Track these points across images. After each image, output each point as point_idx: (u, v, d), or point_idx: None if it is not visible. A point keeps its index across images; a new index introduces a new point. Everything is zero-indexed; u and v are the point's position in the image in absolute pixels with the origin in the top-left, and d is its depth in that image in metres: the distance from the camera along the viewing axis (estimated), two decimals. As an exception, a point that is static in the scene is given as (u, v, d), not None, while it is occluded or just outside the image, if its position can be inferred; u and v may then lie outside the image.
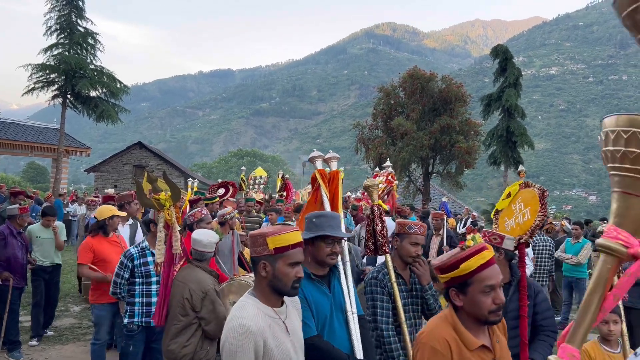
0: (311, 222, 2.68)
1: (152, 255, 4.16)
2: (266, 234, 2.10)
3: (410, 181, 26.14)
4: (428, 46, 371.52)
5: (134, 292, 4.21)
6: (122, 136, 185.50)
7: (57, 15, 18.29)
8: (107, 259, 5.11)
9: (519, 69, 22.25)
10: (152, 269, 4.17)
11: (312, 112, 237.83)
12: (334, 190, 3.39)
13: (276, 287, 2.10)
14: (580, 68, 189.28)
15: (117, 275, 4.20)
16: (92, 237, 5.28)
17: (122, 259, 4.20)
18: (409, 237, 3.26)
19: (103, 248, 5.20)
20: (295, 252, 2.11)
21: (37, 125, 24.74)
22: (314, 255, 2.67)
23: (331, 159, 3.56)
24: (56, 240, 6.75)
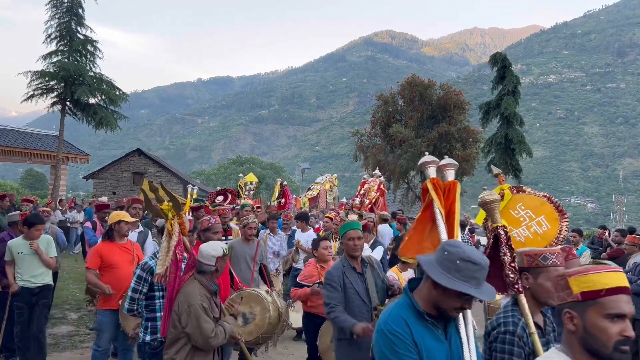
0: (453, 262, 2.01)
1: None
2: (568, 274, 1.68)
3: (409, 188, 26.16)
4: (427, 54, 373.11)
5: (154, 306, 3.94)
6: (121, 143, 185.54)
7: (57, 22, 18.37)
8: (115, 266, 4.96)
9: (518, 76, 22.31)
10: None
11: (311, 120, 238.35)
12: (449, 206, 2.81)
13: (591, 348, 1.60)
14: (578, 76, 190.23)
15: (135, 290, 3.87)
16: (103, 242, 5.17)
17: (140, 272, 3.89)
18: (546, 272, 2.46)
19: (112, 254, 5.04)
20: (616, 300, 1.58)
21: (36, 132, 24.74)
22: (437, 299, 2.07)
23: (447, 166, 3.00)
24: (42, 259, 5.60)
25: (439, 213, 2.74)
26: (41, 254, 5.58)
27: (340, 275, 3.80)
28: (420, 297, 2.12)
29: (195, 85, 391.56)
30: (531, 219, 3.24)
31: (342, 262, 3.92)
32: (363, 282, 3.82)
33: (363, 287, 3.80)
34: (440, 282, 1.97)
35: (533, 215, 3.24)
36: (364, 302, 3.74)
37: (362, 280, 3.83)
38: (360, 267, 3.91)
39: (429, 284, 2.08)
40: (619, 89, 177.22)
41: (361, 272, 3.87)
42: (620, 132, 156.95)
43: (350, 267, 3.87)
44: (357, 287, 3.77)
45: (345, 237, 3.94)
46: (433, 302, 2.09)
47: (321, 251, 5.24)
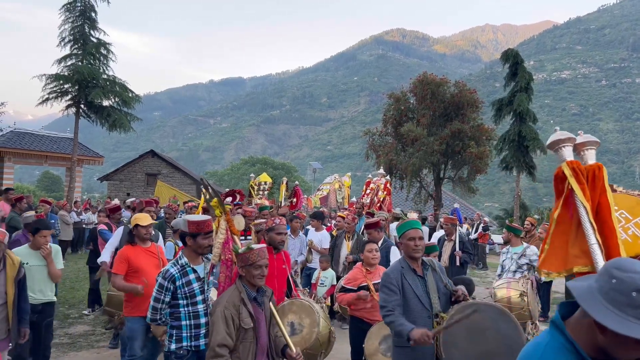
0: (626, 294, 1.39)
1: (194, 272, 3.78)
2: None
3: (422, 187, 26.03)
4: (438, 51, 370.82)
5: (178, 314, 3.75)
6: (135, 145, 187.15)
7: (71, 26, 18.59)
8: (141, 270, 4.88)
9: (530, 73, 22.09)
10: (196, 288, 3.77)
11: (322, 119, 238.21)
12: (598, 198, 2.18)
13: None
14: (593, 71, 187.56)
15: (157, 300, 3.70)
16: (127, 246, 5.07)
17: (161, 280, 3.69)
18: None
19: (138, 258, 4.94)
20: None
21: (51, 135, 25.09)
22: (607, 346, 1.45)
23: (586, 144, 2.33)
24: (50, 269, 5.07)
25: (584, 208, 2.13)
26: (50, 262, 5.06)
27: (399, 277, 3.57)
28: (578, 335, 1.51)
29: (207, 87, 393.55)
30: (627, 220, 2.84)
31: (400, 263, 3.70)
32: (424, 286, 3.58)
33: (424, 291, 3.56)
34: (612, 328, 1.36)
35: (629, 216, 2.85)
36: (424, 307, 3.50)
37: (423, 283, 3.59)
38: (421, 269, 3.66)
39: (590, 323, 1.46)
40: (635, 84, 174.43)
41: (422, 275, 3.63)
42: (637, 128, 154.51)
43: (409, 269, 3.64)
44: (417, 291, 3.53)
45: (405, 237, 3.70)
46: (600, 347, 1.47)
47: (366, 254, 5.07)
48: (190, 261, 3.79)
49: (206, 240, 3.78)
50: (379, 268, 5.11)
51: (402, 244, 3.73)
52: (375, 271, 5.02)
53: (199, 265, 3.84)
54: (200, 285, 3.79)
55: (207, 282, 3.89)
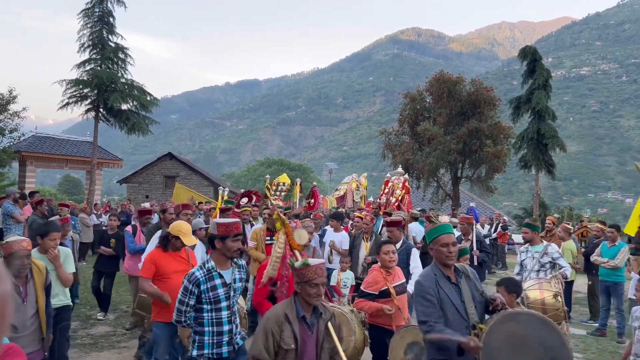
0: None
1: (220, 277, 3.66)
2: None
3: (439, 186, 25.84)
4: (454, 50, 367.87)
5: (202, 320, 3.65)
6: (153, 148, 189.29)
7: (90, 32, 18.87)
8: (167, 275, 4.72)
9: (549, 70, 21.81)
10: (221, 294, 3.64)
11: (337, 120, 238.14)
12: None
13: None
14: (613, 67, 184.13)
15: (181, 302, 3.63)
16: (157, 249, 4.92)
17: (186, 283, 3.61)
18: None
19: (167, 263, 4.79)
20: None
21: (71, 138, 25.51)
22: None
23: None
24: (58, 273, 4.82)
25: None
26: (59, 266, 4.80)
27: (434, 286, 3.29)
28: None
29: (223, 89, 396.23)
30: None
31: (433, 270, 3.42)
32: (459, 294, 3.31)
33: (459, 300, 3.29)
34: None
35: None
36: (462, 318, 3.22)
37: (458, 292, 3.33)
38: (455, 276, 3.40)
39: None
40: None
41: (456, 283, 3.36)
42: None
43: (443, 276, 3.36)
44: (453, 300, 3.27)
45: (437, 243, 3.41)
46: None
47: (382, 256, 4.84)
48: (218, 265, 3.68)
49: (235, 243, 3.65)
50: (397, 269, 4.96)
51: (434, 250, 3.44)
52: (395, 272, 4.85)
53: (226, 271, 3.71)
54: (225, 292, 3.66)
55: (235, 288, 3.74)
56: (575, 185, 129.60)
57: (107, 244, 8.58)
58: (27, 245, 3.92)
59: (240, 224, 3.76)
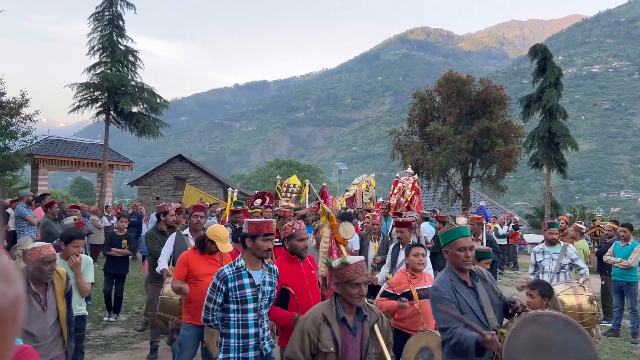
0: None
1: (249, 277, 3.58)
2: None
3: (449, 186, 25.72)
4: (463, 49, 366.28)
5: (228, 320, 3.57)
6: (163, 150, 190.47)
7: (100, 35, 19.01)
8: (201, 278, 4.63)
9: (559, 68, 21.60)
10: (248, 294, 3.55)
11: (347, 120, 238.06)
12: None
13: None
14: (625, 65, 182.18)
15: (209, 299, 3.58)
16: (193, 250, 4.87)
17: (215, 280, 3.57)
18: None
19: (199, 265, 4.72)
20: None
21: (83, 141, 25.73)
22: None
23: None
24: (77, 281, 4.68)
25: None
26: (79, 274, 4.67)
27: (451, 291, 3.17)
28: None
29: (232, 91, 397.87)
30: None
31: (448, 275, 3.27)
32: (476, 299, 3.18)
33: (477, 304, 3.16)
34: None
35: None
36: (480, 323, 3.08)
37: (475, 296, 3.20)
38: (470, 280, 3.26)
39: None
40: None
41: (472, 287, 3.23)
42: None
43: (459, 280, 3.23)
44: (471, 305, 3.15)
45: (454, 247, 3.24)
46: None
47: (411, 259, 4.75)
48: (248, 265, 3.62)
49: (266, 242, 3.59)
50: (426, 274, 4.88)
51: (449, 253, 3.28)
52: (421, 276, 4.77)
53: (256, 271, 3.63)
54: (253, 292, 3.57)
55: (264, 291, 3.63)
56: (587, 184, 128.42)
57: (118, 245, 8.51)
58: (54, 252, 3.88)
59: (272, 224, 3.69)
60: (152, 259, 6.52)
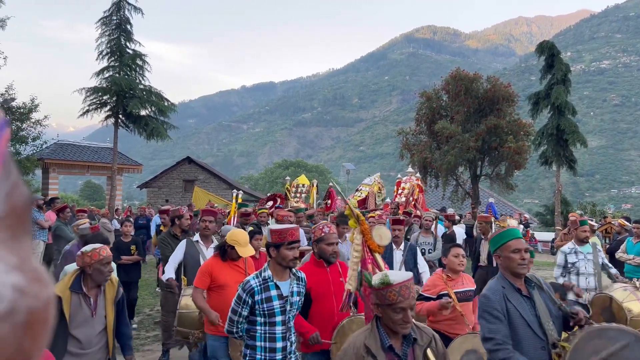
0: None
1: (277, 289, 3.39)
2: None
3: (458, 185, 25.62)
4: (470, 47, 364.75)
5: (254, 333, 3.40)
6: (171, 152, 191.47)
7: (108, 39, 19.15)
8: (224, 286, 4.43)
9: (567, 64, 21.46)
10: (276, 307, 3.36)
11: (354, 120, 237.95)
12: None
13: None
14: (634, 60, 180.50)
15: (234, 311, 3.38)
16: (215, 257, 4.66)
17: (240, 292, 3.38)
18: None
19: (223, 273, 4.50)
20: None
21: (92, 145, 25.96)
22: None
23: None
24: None
25: None
26: None
27: (502, 300, 2.86)
28: None
29: (239, 93, 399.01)
30: None
31: (500, 282, 2.97)
32: (532, 309, 2.87)
33: (533, 315, 2.85)
34: None
35: None
36: (536, 336, 2.80)
37: (531, 306, 2.88)
38: (526, 288, 2.95)
39: None
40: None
41: (528, 296, 2.91)
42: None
43: (512, 288, 2.92)
44: (525, 316, 2.83)
45: (507, 250, 2.95)
46: None
47: (451, 259, 4.54)
48: (275, 275, 3.41)
49: (290, 251, 3.36)
50: (466, 276, 4.69)
51: (502, 257, 2.99)
52: (459, 278, 4.58)
53: (284, 282, 3.44)
54: (281, 305, 3.37)
55: (292, 302, 3.44)
56: (598, 180, 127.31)
57: (126, 252, 8.02)
58: (110, 253, 3.86)
59: (297, 230, 3.49)
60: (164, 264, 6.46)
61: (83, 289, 3.67)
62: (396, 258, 5.92)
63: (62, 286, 3.63)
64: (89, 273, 3.66)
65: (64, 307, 3.52)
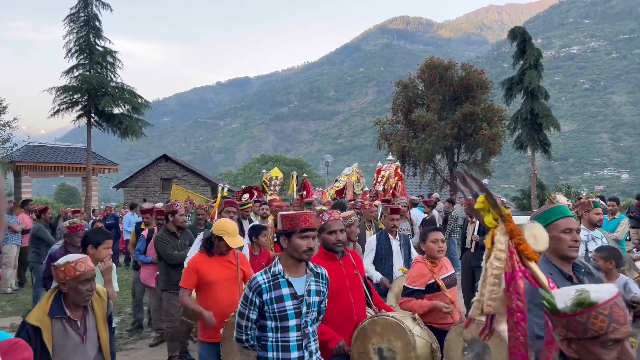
0: None
1: (289, 286, 2.82)
2: None
3: (436, 172, 25.89)
4: (443, 36, 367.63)
5: (265, 341, 2.82)
6: (148, 152, 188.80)
7: (76, 37, 18.71)
8: (213, 285, 3.99)
9: (539, 49, 21.79)
10: (289, 308, 2.78)
11: (331, 113, 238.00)
12: None
13: None
14: (602, 44, 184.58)
15: (241, 314, 2.84)
16: (201, 253, 4.17)
17: (247, 291, 2.83)
18: None
19: (211, 270, 4.03)
20: None
21: (65, 146, 25.40)
22: None
23: None
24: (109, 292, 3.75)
25: None
26: (109, 281, 3.90)
27: None
28: None
29: (215, 89, 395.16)
30: None
31: (546, 268, 2.49)
32: None
33: None
34: None
35: None
36: None
37: None
38: (574, 274, 2.58)
39: None
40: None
41: (578, 282, 2.54)
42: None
43: (561, 275, 2.51)
44: None
45: (556, 229, 2.52)
46: None
47: (429, 245, 4.19)
48: (287, 271, 2.86)
49: (304, 240, 2.81)
50: (445, 259, 4.36)
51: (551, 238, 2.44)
52: (441, 263, 4.27)
53: (298, 278, 2.86)
54: (295, 305, 2.80)
55: (309, 303, 2.84)
56: (571, 164, 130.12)
57: None
58: (92, 266, 3.12)
59: (311, 216, 2.94)
60: (164, 264, 5.99)
61: (66, 311, 2.99)
62: (394, 249, 5.74)
63: (38, 313, 2.96)
64: (64, 292, 3.02)
65: (45, 338, 2.89)
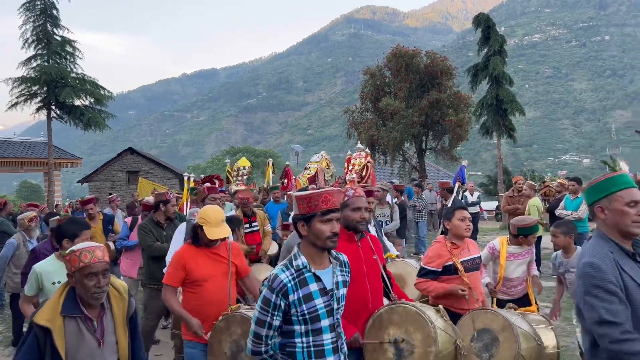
0: None
1: (317, 281, 2.37)
2: None
3: (405, 160, 26.16)
4: (409, 26, 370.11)
5: (292, 348, 2.36)
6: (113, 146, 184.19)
7: (32, 26, 18.03)
8: (202, 281, 3.48)
9: (503, 36, 22.15)
10: (320, 306, 2.34)
11: (300, 104, 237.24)
12: None
13: None
14: (563, 33, 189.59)
15: (260, 323, 2.32)
16: (188, 245, 3.64)
17: (267, 294, 2.32)
18: None
19: (198, 265, 3.50)
20: None
21: (25, 140, 24.53)
22: None
23: None
24: None
25: None
26: None
27: (615, 269, 2.16)
28: None
29: (181, 81, 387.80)
30: None
31: (606, 245, 2.25)
32: None
33: None
34: None
35: None
36: None
37: None
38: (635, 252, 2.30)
39: None
40: (604, 42, 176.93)
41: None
42: (609, 85, 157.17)
43: (623, 253, 2.24)
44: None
45: (618, 201, 2.24)
46: None
47: (456, 223, 3.84)
48: (312, 263, 2.40)
49: (326, 224, 2.35)
50: (470, 241, 4.01)
51: (610, 211, 2.27)
52: (464, 245, 3.91)
53: (324, 270, 2.43)
54: (326, 302, 2.37)
55: (339, 297, 2.44)
56: (535, 150, 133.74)
57: None
58: (104, 256, 2.59)
59: (333, 194, 2.43)
60: (146, 256, 5.49)
61: (82, 309, 2.56)
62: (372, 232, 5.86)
63: (48, 312, 2.51)
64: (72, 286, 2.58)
65: (56, 340, 2.45)
